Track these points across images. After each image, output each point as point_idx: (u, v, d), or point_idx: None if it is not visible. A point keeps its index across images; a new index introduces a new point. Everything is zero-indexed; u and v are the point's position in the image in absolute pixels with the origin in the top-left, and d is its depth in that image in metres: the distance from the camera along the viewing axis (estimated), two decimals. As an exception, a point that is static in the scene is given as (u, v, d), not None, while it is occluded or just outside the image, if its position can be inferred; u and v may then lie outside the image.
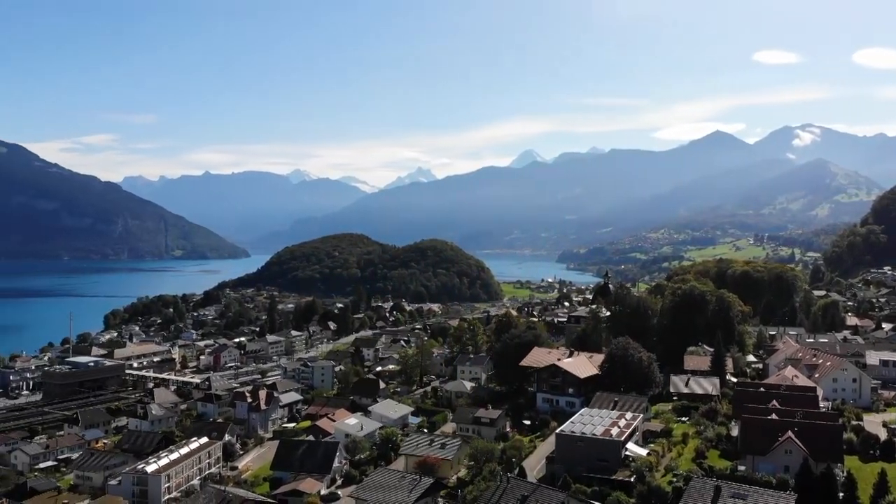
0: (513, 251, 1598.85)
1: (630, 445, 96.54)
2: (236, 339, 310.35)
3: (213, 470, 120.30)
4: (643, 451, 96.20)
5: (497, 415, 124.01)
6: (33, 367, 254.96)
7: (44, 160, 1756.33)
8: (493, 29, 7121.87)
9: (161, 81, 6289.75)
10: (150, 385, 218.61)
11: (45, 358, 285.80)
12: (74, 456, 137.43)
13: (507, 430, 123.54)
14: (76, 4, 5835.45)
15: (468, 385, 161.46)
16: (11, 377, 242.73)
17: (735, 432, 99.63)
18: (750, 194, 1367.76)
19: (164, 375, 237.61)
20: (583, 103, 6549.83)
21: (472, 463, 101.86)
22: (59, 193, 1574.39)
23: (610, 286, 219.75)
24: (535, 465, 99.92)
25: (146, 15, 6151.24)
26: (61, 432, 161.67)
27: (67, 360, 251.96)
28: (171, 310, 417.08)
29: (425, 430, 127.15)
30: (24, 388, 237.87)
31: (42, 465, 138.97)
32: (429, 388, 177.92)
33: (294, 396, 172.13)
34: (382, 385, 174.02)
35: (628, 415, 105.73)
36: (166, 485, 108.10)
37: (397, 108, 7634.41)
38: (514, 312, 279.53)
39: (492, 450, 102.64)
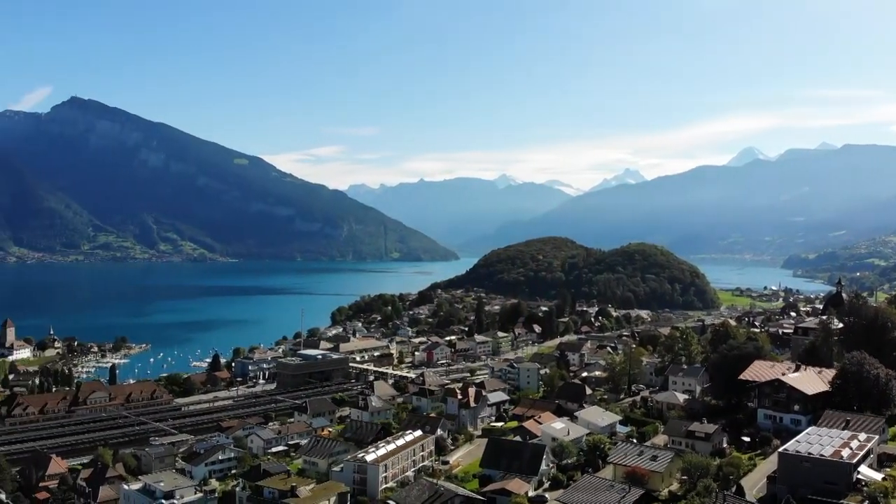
0: (730, 256, 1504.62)
1: (863, 469, 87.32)
2: (447, 338, 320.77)
3: (426, 463, 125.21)
4: (878, 476, 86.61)
5: (713, 429, 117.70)
6: (269, 359, 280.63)
7: (280, 171, 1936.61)
8: (705, 19, 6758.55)
9: (383, 96, 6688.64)
10: (371, 378, 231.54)
11: (280, 350, 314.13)
12: (303, 442, 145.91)
13: (724, 446, 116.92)
14: (312, 35, 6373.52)
15: (681, 397, 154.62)
16: (250, 367, 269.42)
17: None
18: None
19: (382, 369, 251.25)
20: (809, 95, 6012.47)
21: (685, 477, 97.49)
22: (293, 201, 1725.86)
23: (843, 295, 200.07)
24: (754, 485, 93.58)
25: (369, 35, 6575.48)
26: (292, 419, 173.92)
27: (298, 352, 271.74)
28: (390, 308, 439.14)
29: (634, 441, 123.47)
30: (261, 377, 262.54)
31: (274, 450, 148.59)
32: (637, 398, 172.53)
33: (501, 396, 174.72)
34: (588, 391, 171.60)
35: (861, 436, 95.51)
36: (384, 474, 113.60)
37: (604, 108, 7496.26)
38: (732, 322, 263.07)
39: (707, 465, 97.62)
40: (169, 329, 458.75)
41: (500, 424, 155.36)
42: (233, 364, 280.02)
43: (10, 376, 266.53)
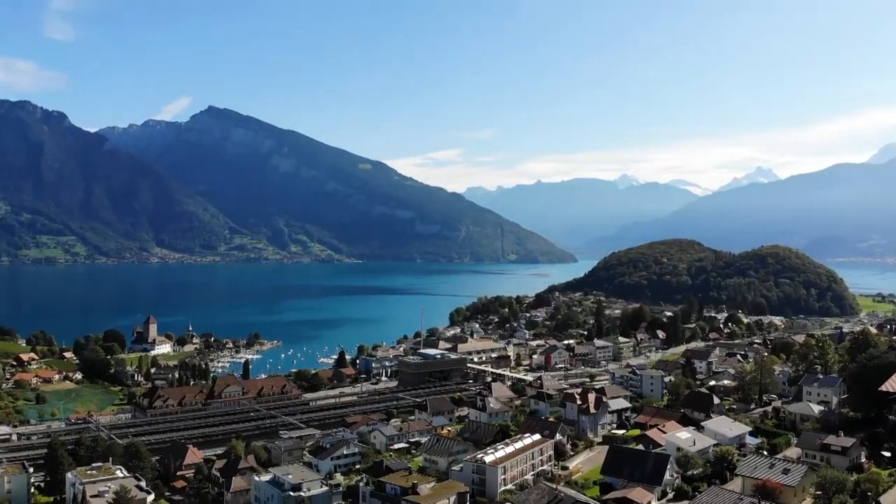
0: (871, 259, 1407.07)
1: None
2: (565, 341, 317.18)
3: (544, 467, 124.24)
4: None
5: (850, 443, 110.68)
6: (391, 357, 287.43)
7: (401, 174, 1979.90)
8: (838, 7, 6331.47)
9: (501, 99, 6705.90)
10: (488, 379, 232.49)
11: (401, 349, 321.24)
12: (423, 440, 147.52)
13: (862, 460, 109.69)
14: (432, 40, 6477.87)
15: (816, 408, 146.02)
16: (373, 364, 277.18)
17: None
18: None
19: (500, 371, 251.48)
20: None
21: (819, 493, 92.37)
22: (414, 204, 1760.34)
23: None
24: (894, 502, 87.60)
25: (487, 37, 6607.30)
26: (413, 417, 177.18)
27: (419, 351, 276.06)
28: (507, 310, 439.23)
29: (765, 453, 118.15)
30: (383, 374, 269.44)
31: (396, 446, 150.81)
32: (769, 408, 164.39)
33: (622, 403, 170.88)
34: (716, 400, 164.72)
35: None
36: (502, 476, 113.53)
37: (732, 104, 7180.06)
38: (872, 330, 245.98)
39: (844, 481, 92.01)
40: (298, 326, 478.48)
41: (621, 432, 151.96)
42: (357, 361, 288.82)
43: (153, 370, 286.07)
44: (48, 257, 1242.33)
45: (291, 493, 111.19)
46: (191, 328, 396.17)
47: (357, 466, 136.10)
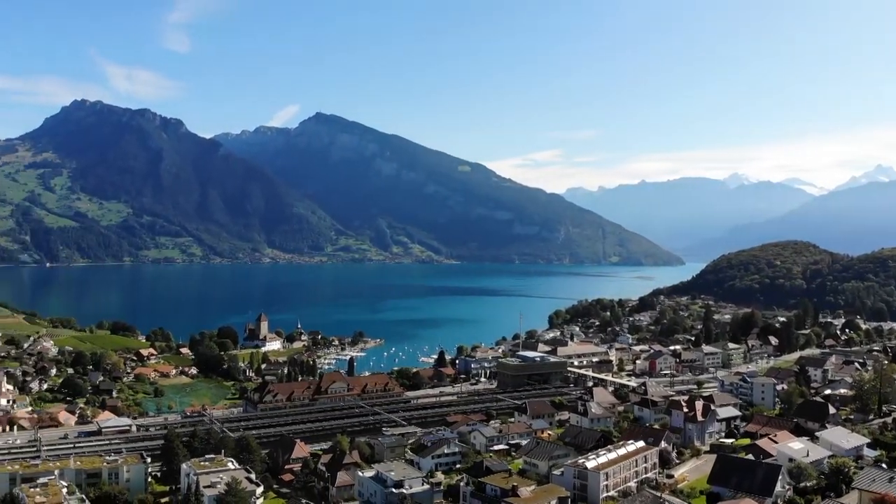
0: None
1: None
2: (671, 347, 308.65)
3: (649, 475, 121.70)
4: None
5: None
6: (490, 358, 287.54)
7: (500, 176, 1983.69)
8: None
9: (603, 98, 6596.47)
10: (590, 384, 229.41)
11: (500, 350, 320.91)
12: (523, 442, 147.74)
13: None
14: (531, 40, 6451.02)
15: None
16: (472, 365, 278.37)
17: None
18: None
19: (602, 376, 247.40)
20: None
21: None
22: (512, 205, 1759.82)
23: None
24: None
25: (587, 36, 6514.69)
26: (512, 419, 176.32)
27: (517, 353, 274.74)
28: (608, 313, 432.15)
29: (884, 466, 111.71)
30: (482, 375, 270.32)
31: (495, 448, 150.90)
32: (888, 419, 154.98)
33: (731, 411, 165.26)
34: (832, 410, 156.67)
35: None
36: (605, 482, 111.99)
37: (850, 99, 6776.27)
38: None
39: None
40: (400, 325, 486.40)
41: (730, 441, 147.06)
42: (457, 361, 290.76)
43: (263, 365, 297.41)
44: (166, 257, 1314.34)
45: (394, 490, 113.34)
46: (299, 326, 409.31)
47: (457, 466, 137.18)
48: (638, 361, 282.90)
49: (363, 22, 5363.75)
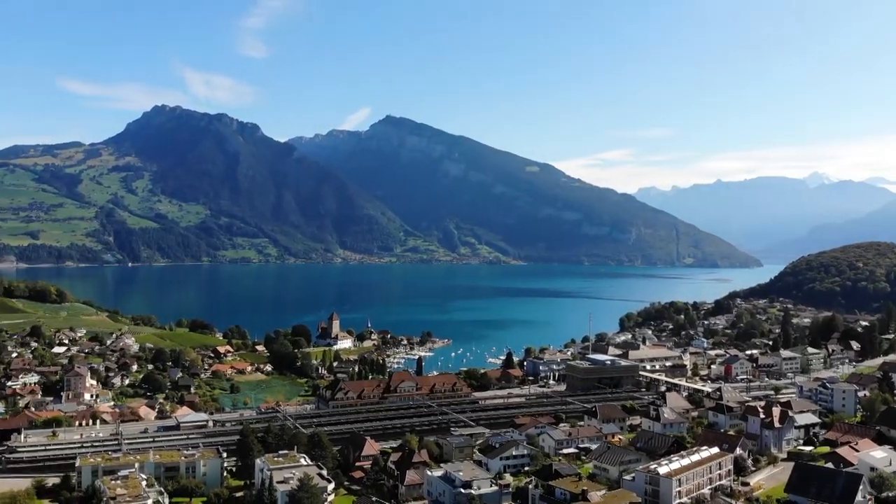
0: None
1: None
2: (747, 352, 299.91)
3: (723, 482, 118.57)
4: None
5: None
6: (559, 360, 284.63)
7: (569, 176, 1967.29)
8: None
9: (675, 95, 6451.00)
10: (662, 388, 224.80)
11: (569, 352, 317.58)
12: (593, 447, 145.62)
13: None
14: (600, 38, 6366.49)
15: None
16: (541, 367, 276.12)
17: None
18: None
19: (675, 380, 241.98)
20: None
21: None
22: (581, 205, 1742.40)
23: None
24: None
25: (658, 33, 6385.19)
26: (582, 423, 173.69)
27: (587, 356, 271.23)
28: (682, 316, 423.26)
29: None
30: (551, 378, 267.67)
31: (565, 451, 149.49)
32: None
33: (810, 418, 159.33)
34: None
35: None
36: (677, 489, 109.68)
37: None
38: None
39: None
40: (468, 326, 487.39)
41: (808, 449, 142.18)
42: (524, 363, 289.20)
43: (335, 363, 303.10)
44: (243, 258, 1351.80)
45: (462, 490, 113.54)
46: (369, 325, 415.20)
47: (526, 468, 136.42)
48: (713, 366, 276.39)
49: (433, 25, 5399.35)
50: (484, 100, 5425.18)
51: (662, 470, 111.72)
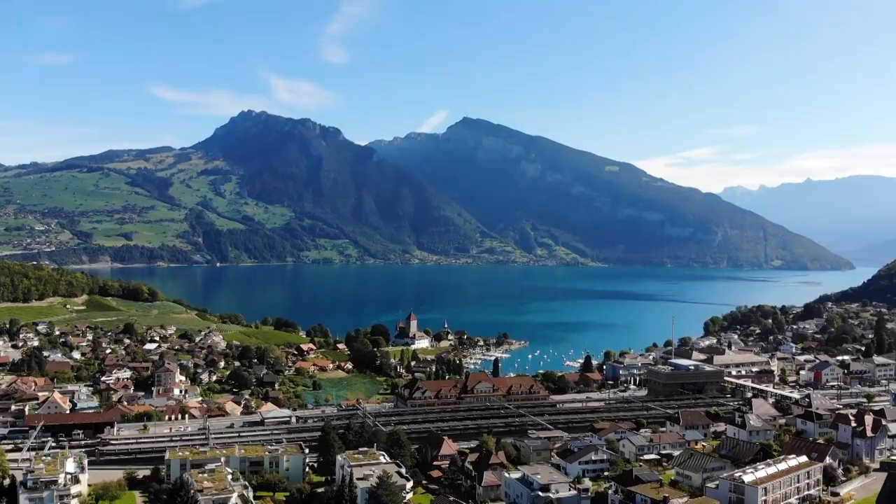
0: None
1: None
2: (838, 357, 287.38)
3: (811, 492, 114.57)
4: None
5: None
6: (639, 365, 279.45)
7: (650, 175, 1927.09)
8: None
9: (763, 92, 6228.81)
10: (748, 395, 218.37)
11: (650, 357, 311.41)
12: (675, 453, 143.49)
13: None
14: (683, 37, 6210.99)
15: None
16: (621, 371, 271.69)
17: None
18: None
19: (762, 387, 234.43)
20: None
21: None
22: (663, 205, 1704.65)
23: None
24: None
25: (747, 29, 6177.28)
26: (663, 429, 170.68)
27: (669, 360, 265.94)
28: (770, 321, 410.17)
29: None
30: (632, 382, 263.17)
31: (646, 457, 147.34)
32: None
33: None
34: None
35: None
36: (763, 498, 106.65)
37: None
38: None
39: None
40: (544, 328, 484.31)
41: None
42: (604, 367, 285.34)
43: (412, 363, 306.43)
44: (325, 258, 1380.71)
45: (540, 493, 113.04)
46: (446, 325, 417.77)
47: (605, 473, 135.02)
48: (802, 372, 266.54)
49: (509, 27, 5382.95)
50: (562, 99, 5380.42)
51: (748, 478, 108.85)
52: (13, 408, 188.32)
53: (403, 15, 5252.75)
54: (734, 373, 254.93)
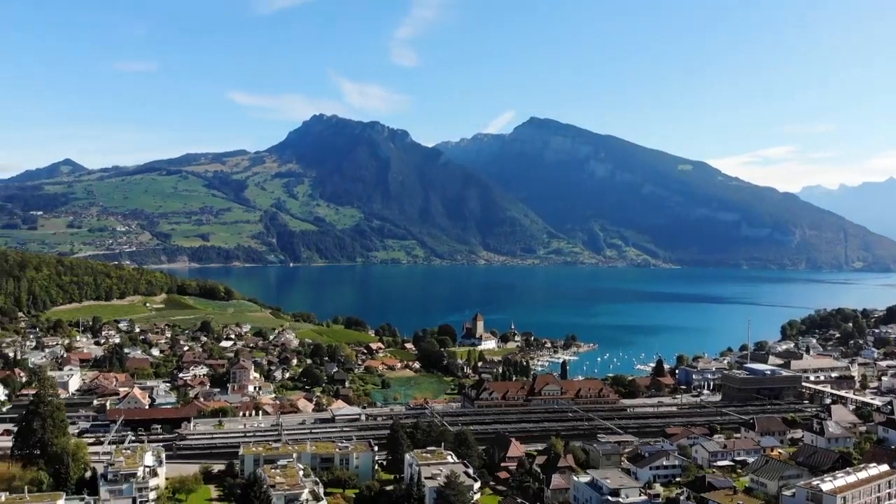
0: None
1: None
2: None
3: (893, 502, 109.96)
4: None
5: None
6: (713, 369, 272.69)
7: (725, 174, 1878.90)
8: None
9: (844, 88, 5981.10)
10: (827, 401, 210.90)
11: (725, 361, 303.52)
12: (750, 460, 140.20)
13: None
14: (758, 31, 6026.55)
15: None
16: (694, 376, 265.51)
17: None
18: None
19: (841, 393, 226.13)
20: None
21: None
22: (739, 205, 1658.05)
23: None
24: None
25: (825, 20, 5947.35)
26: (738, 435, 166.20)
27: (745, 365, 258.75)
28: (850, 325, 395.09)
29: None
30: (705, 387, 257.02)
31: (719, 463, 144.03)
32: None
33: None
34: None
35: None
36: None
37: None
38: None
39: None
40: (614, 331, 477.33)
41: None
42: (676, 371, 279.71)
43: (479, 363, 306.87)
44: (393, 259, 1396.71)
45: (609, 498, 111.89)
46: (513, 326, 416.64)
47: (677, 479, 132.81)
48: (884, 378, 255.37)
49: (576, 26, 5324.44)
50: (632, 98, 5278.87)
51: (826, 487, 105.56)
52: (95, 402, 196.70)
53: (472, 17, 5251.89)
54: (812, 378, 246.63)
